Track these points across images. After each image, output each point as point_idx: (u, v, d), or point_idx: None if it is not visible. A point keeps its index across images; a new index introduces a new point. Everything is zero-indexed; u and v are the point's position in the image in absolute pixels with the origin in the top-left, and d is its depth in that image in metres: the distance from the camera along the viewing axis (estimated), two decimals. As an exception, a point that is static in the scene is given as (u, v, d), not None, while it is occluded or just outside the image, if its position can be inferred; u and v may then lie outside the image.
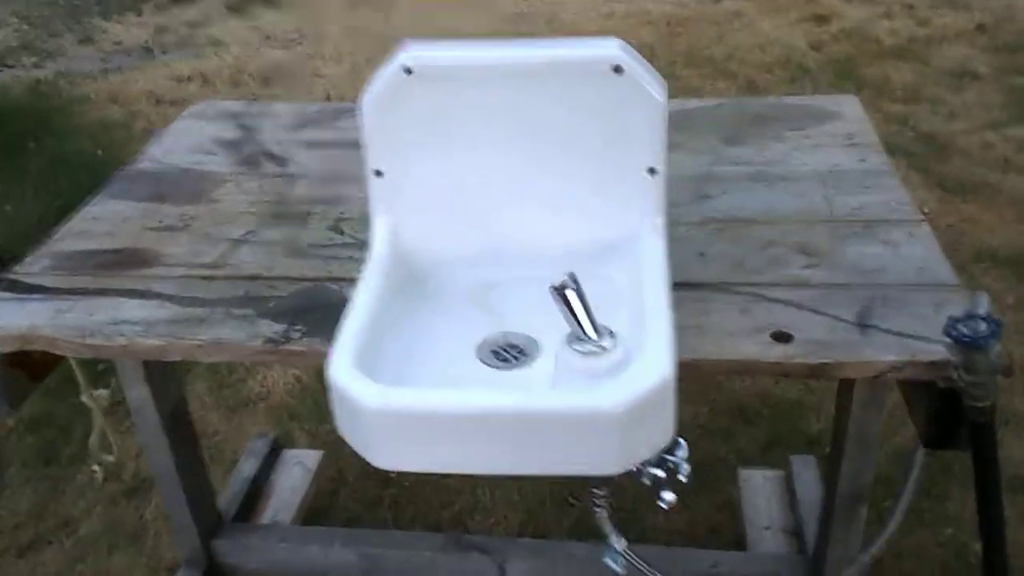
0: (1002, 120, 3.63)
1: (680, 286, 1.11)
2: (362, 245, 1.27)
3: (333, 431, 0.98)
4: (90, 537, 2.05)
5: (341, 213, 1.39)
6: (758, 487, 1.90)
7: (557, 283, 0.91)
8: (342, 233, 1.34)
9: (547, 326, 1.06)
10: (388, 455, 0.89)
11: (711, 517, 1.94)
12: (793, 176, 1.42)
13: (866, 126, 1.56)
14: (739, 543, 1.81)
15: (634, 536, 1.43)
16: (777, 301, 1.14)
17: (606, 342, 0.92)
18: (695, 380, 0.97)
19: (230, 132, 1.68)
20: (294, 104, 1.89)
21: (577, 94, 1.02)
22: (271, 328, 1.15)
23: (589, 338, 0.92)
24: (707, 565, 1.62)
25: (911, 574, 1.83)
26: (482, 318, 1.08)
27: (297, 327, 1.15)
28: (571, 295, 0.91)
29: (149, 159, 1.60)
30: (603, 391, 0.87)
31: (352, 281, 1.19)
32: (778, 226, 1.30)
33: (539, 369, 1.01)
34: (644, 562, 1.17)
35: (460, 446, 0.87)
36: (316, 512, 1.98)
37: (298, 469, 2.01)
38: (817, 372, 1.04)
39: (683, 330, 1.02)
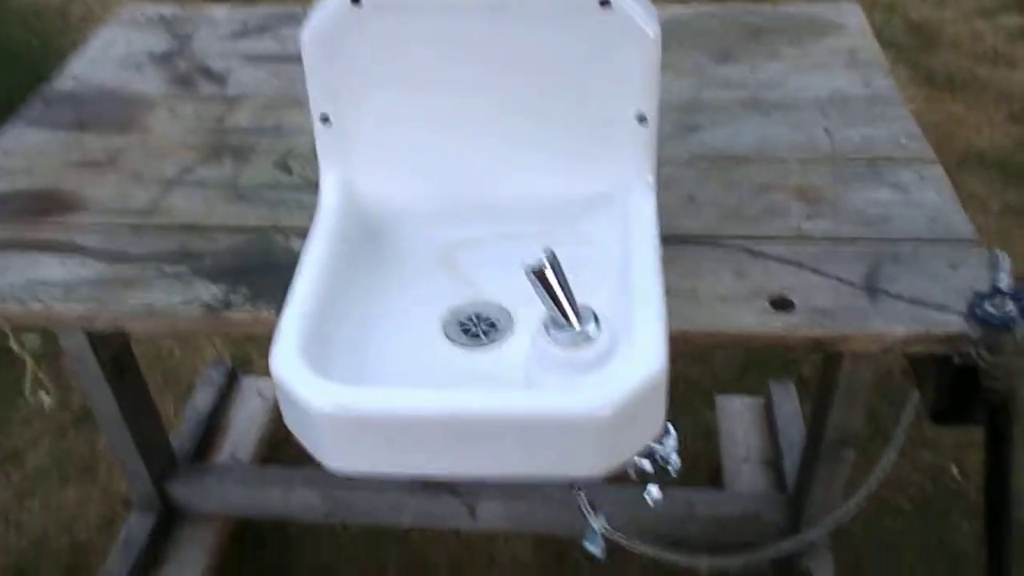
0: (992, 8, 3.47)
1: (668, 239, 0.99)
2: (313, 187, 1.13)
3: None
4: (39, 470, 1.96)
5: (289, 147, 1.24)
6: (736, 415, 1.84)
7: (532, 263, 0.79)
8: (290, 172, 1.20)
9: (520, 293, 0.94)
10: (343, 459, 0.78)
11: (687, 446, 1.88)
12: (791, 103, 1.28)
13: (870, 40, 1.42)
14: (715, 476, 1.76)
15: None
16: (775, 259, 1.02)
17: (590, 328, 0.81)
18: (683, 351, 0.86)
19: (162, 43, 1.49)
20: (235, 7, 1.69)
21: (556, 29, 0.87)
22: (209, 291, 1.02)
23: (570, 325, 0.80)
24: (683, 504, 1.56)
25: (889, 500, 1.80)
26: (448, 284, 0.96)
27: (239, 289, 1.02)
28: (550, 277, 0.79)
29: (71, 77, 1.42)
30: (587, 391, 0.76)
31: (301, 232, 1.06)
32: (775, 166, 1.17)
33: (512, 348, 0.90)
34: (623, 535, 1.09)
35: (424, 451, 0.77)
36: (276, 446, 1.90)
37: (256, 400, 1.91)
38: (822, 345, 0.94)
39: (672, 295, 0.90)
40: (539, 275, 0.79)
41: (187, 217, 1.13)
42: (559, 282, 0.79)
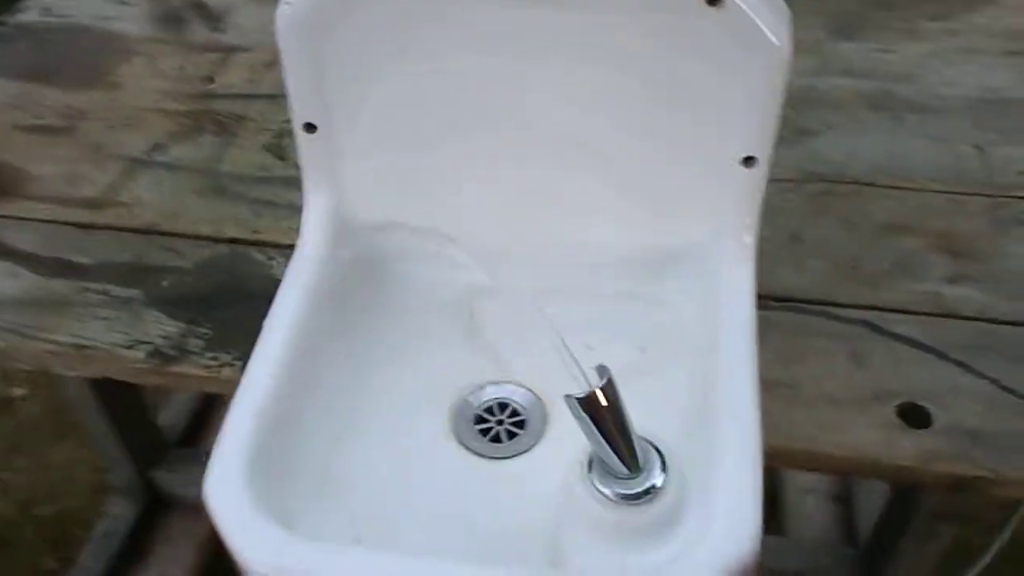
0: None
1: (763, 300, 0.73)
2: (308, 184, 0.89)
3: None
4: (31, 421, 1.80)
5: (285, 121, 0.99)
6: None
7: (580, 391, 0.54)
8: (283, 159, 0.95)
9: (557, 374, 0.70)
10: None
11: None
12: (932, 104, 0.99)
13: (1035, 19, 1.10)
14: (773, 503, 1.53)
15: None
16: (907, 342, 0.76)
17: (654, 478, 0.56)
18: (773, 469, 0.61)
19: (155, -35, 1.23)
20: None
21: (639, 29, 0.60)
22: (160, 327, 0.79)
23: (625, 472, 0.56)
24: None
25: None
26: (464, 356, 0.72)
27: (199, 329, 0.79)
28: (603, 411, 0.54)
29: (38, 5, 1.17)
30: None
31: (287, 250, 0.82)
32: (909, 197, 0.89)
33: (541, 463, 0.66)
34: None
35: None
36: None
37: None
38: (967, 486, 0.69)
39: (764, 388, 0.65)
40: (589, 406, 0.54)
41: (150, 214, 0.89)
42: (615, 417, 0.55)
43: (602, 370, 0.55)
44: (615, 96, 0.64)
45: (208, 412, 1.61)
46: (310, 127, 0.68)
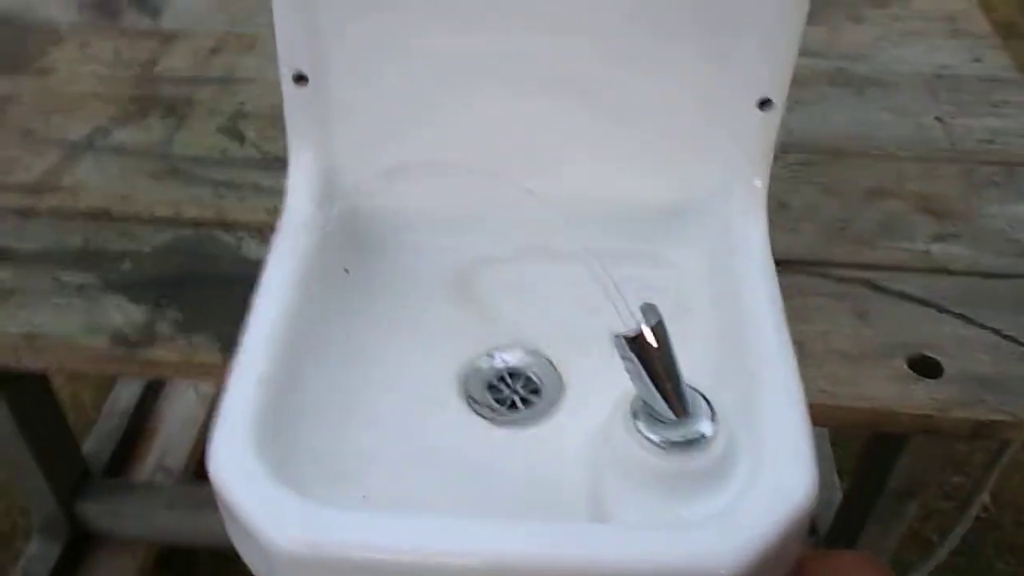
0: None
1: (760, 263, 0.72)
2: (274, 163, 0.83)
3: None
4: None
5: (240, 104, 0.93)
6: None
7: (629, 329, 0.51)
8: (242, 140, 0.89)
9: (572, 340, 0.67)
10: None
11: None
12: (888, 79, 1.01)
13: (970, 5, 1.15)
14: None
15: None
16: (906, 298, 0.76)
17: (703, 427, 0.53)
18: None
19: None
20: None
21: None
22: (124, 312, 0.72)
23: (674, 418, 0.53)
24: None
25: (917, 530, 1.59)
26: (469, 323, 0.68)
27: (167, 312, 0.72)
28: (652, 348, 0.51)
29: (-50, -7, 1.08)
30: (709, 535, 0.48)
31: (258, 230, 0.77)
32: (883, 163, 0.90)
33: (564, 427, 0.62)
34: None
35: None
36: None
37: (191, 396, 1.61)
38: (986, 431, 0.68)
39: None
40: (637, 344, 0.51)
41: (97, 199, 0.82)
42: (663, 356, 0.51)
43: (650, 309, 0.52)
44: (616, 32, 0.61)
45: (136, 439, 1.50)
46: (300, 78, 0.63)
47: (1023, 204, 0.85)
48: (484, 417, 0.63)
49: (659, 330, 0.51)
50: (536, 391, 0.65)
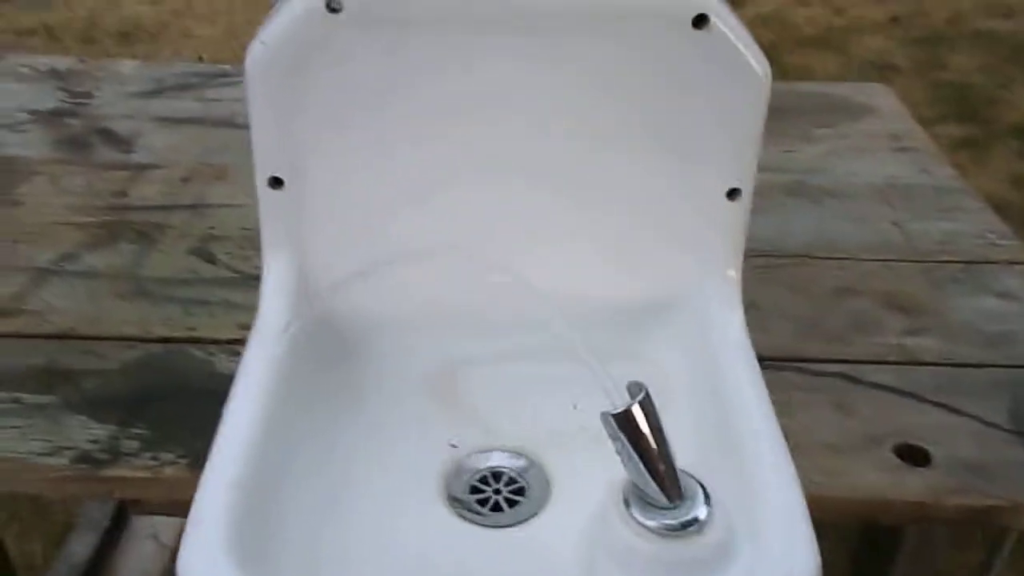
0: (930, 118, 3.43)
1: (736, 362, 0.72)
2: (246, 281, 0.83)
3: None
4: None
5: (210, 228, 0.93)
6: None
7: (615, 406, 0.50)
8: (213, 262, 0.89)
9: (553, 439, 0.65)
10: None
11: None
12: (844, 191, 1.05)
13: (912, 126, 1.21)
14: None
15: None
16: (885, 389, 0.76)
17: (697, 510, 0.51)
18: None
19: (51, 100, 1.18)
20: (149, 63, 1.39)
21: (624, 57, 0.60)
22: (87, 431, 0.69)
23: (667, 502, 0.51)
24: None
25: None
26: (449, 426, 0.66)
27: (133, 429, 0.69)
28: (642, 425, 0.50)
29: (-77, 135, 1.09)
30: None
31: (230, 346, 0.75)
32: (848, 266, 0.92)
33: (551, 529, 0.60)
34: None
35: None
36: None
37: (150, 545, 1.53)
38: (982, 516, 0.67)
39: None
40: (625, 421, 0.50)
41: (63, 321, 0.81)
42: (655, 434, 0.50)
43: (637, 386, 0.51)
44: (593, 129, 0.64)
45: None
46: (276, 181, 0.64)
47: (986, 297, 0.87)
48: (467, 520, 0.60)
49: (647, 405, 0.50)
50: (521, 491, 0.63)
